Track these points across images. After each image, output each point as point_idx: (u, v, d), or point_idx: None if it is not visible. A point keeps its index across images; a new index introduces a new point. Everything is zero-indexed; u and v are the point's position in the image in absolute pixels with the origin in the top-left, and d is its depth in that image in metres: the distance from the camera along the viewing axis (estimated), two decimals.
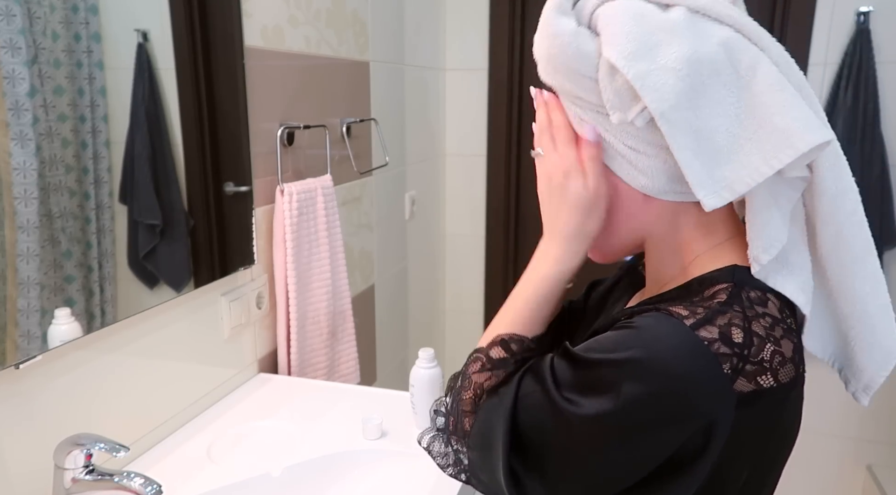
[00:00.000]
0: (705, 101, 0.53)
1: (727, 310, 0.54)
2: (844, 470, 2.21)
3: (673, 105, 0.53)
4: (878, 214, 1.95)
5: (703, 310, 0.54)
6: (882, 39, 1.90)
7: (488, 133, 2.31)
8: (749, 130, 0.53)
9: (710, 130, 0.53)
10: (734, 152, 0.54)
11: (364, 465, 1.06)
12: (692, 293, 0.58)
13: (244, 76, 1.19)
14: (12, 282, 0.81)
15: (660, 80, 0.52)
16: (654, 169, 0.58)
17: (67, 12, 0.84)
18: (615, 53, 0.53)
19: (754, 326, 0.53)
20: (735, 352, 0.52)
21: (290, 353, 1.34)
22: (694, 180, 0.54)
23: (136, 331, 1.01)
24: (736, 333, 0.52)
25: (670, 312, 0.54)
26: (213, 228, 1.15)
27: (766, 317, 0.55)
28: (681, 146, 0.53)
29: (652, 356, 0.52)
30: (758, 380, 0.52)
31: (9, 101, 0.78)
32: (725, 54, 0.53)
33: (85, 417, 0.93)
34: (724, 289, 0.56)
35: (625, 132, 0.57)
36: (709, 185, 0.54)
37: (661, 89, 0.52)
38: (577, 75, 0.57)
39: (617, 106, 0.55)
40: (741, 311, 0.54)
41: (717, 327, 0.52)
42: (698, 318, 0.53)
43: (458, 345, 2.52)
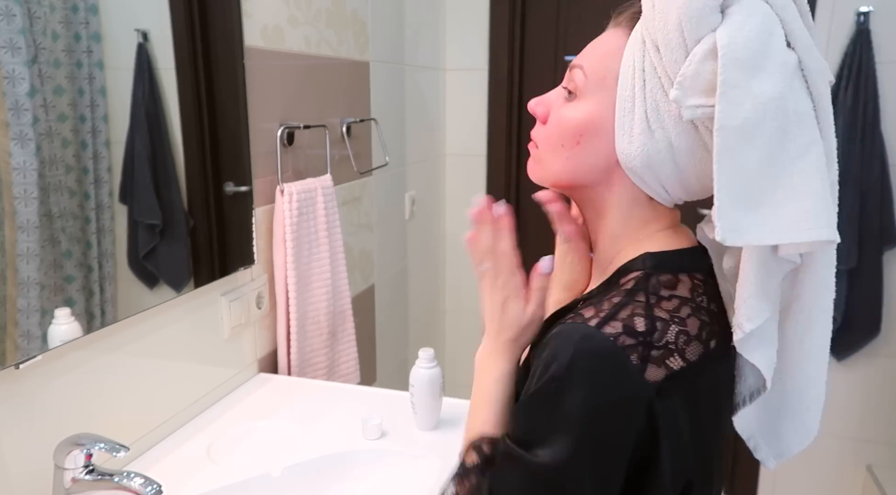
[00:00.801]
0: (762, 145, 0.53)
1: (630, 302, 0.56)
2: (844, 470, 2.21)
3: (736, 127, 0.52)
4: (878, 214, 1.95)
5: (607, 305, 0.56)
6: (882, 39, 1.90)
7: (488, 133, 2.31)
8: (784, 195, 0.53)
9: (752, 173, 0.53)
10: (762, 205, 0.53)
11: (364, 465, 1.06)
12: (612, 287, 0.60)
13: (244, 76, 1.19)
14: (12, 282, 0.81)
15: (740, 99, 0.52)
16: (646, 149, 0.58)
17: (67, 12, 0.84)
18: (727, 46, 0.52)
19: (657, 312, 0.55)
20: (639, 340, 0.53)
21: (290, 353, 1.34)
22: (719, 206, 0.53)
23: (136, 331, 1.01)
24: (638, 322, 0.54)
25: (577, 316, 0.56)
26: (213, 228, 1.15)
27: (673, 298, 0.57)
28: (723, 168, 0.53)
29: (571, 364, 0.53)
30: (667, 364, 0.53)
31: (9, 101, 0.78)
32: (796, 120, 0.54)
33: (85, 417, 0.93)
34: (633, 278, 0.58)
35: (657, 106, 0.57)
36: (727, 219, 0.53)
37: (735, 106, 0.52)
38: (677, 30, 0.55)
39: (686, 85, 0.54)
40: (644, 300, 0.56)
41: (619, 321, 0.54)
42: (602, 317, 0.55)
43: (458, 345, 2.52)
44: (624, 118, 0.59)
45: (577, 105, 0.62)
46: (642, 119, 0.58)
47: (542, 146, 0.65)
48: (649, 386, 0.53)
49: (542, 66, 2.27)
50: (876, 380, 2.10)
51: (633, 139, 0.58)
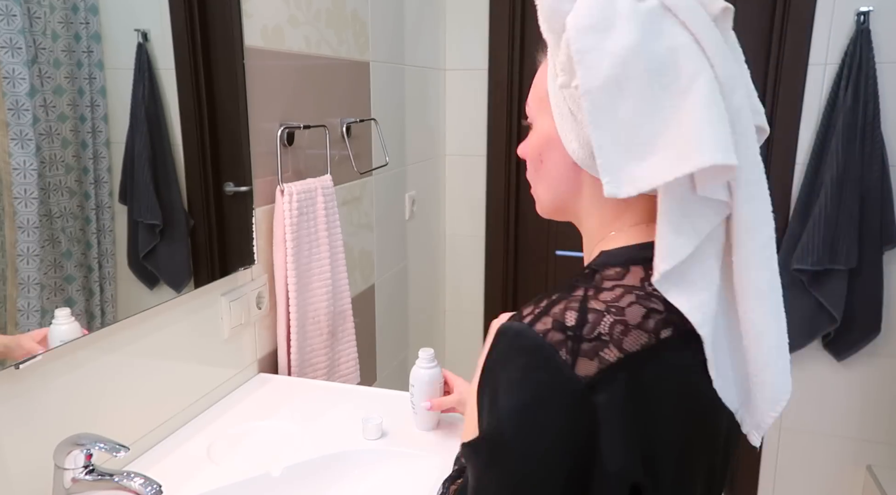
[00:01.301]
0: (636, 94, 0.54)
1: (565, 297, 0.56)
2: (844, 470, 2.21)
3: (599, 86, 0.54)
4: (878, 214, 1.95)
5: (545, 302, 0.57)
6: (882, 39, 1.90)
7: (488, 133, 2.31)
8: (669, 135, 0.54)
9: (634, 124, 0.54)
10: (651, 153, 0.54)
11: (364, 465, 1.06)
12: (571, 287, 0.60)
13: (244, 76, 1.19)
14: (12, 282, 0.81)
15: (596, 60, 0.54)
16: (584, 140, 0.60)
17: (67, 12, 0.84)
18: (572, 23, 0.56)
19: (591, 303, 0.55)
20: (568, 335, 0.53)
21: (290, 353, 1.34)
22: (602, 163, 0.55)
23: (136, 331, 1.01)
24: (569, 316, 0.54)
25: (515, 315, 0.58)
26: (213, 228, 1.15)
27: (616, 288, 0.56)
28: (598, 127, 0.55)
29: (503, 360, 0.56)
30: (600, 356, 0.52)
31: (9, 101, 0.78)
32: (671, 58, 0.54)
33: (85, 417, 0.93)
34: (579, 273, 0.61)
35: (570, 96, 0.60)
36: (614, 173, 0.55)
37: (593, 68, 0.54)
38: (548, 28, 0.60)
39: (566, 69, 0.58)
40: (582, 293, 0.56)
41: (550, 317, 0.54)
42: (536, 314, 0.56)
43: (458, 345, 2.52)
44: (560, 122, 0.62)
45: (534, 131, 0.67)
46: (568, 115, 0.61)
47: (530, 180, 0.71)
48: (579, 381, 0.52)
49: None
50: (876, 380, 2.10)
51: (570, 136, 0.61)
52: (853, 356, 2.07)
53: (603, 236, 0.64)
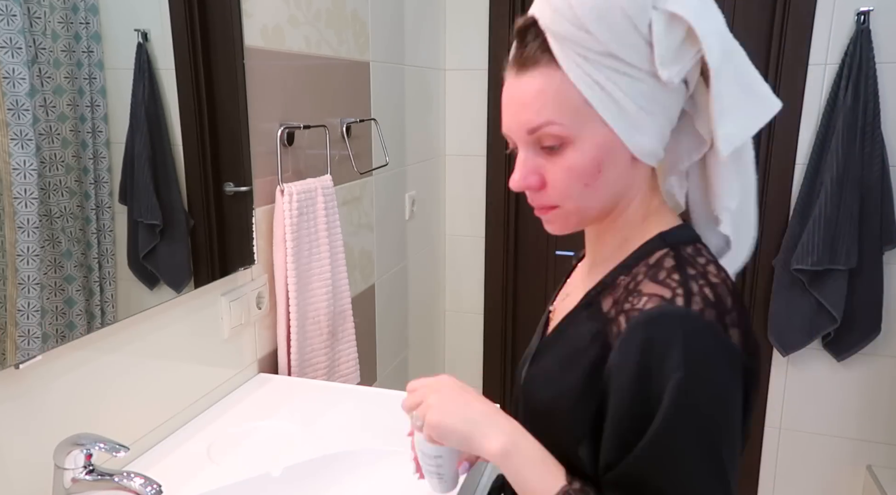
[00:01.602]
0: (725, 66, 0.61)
1: (686, 276, 0.61)
2: (844, 470, 2.21)
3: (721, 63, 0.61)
4: (878, 214, 1.95)
5: (674, 283, 0.61)
6: (882, 39, 1.90)
7: (488, 133, 2.31)
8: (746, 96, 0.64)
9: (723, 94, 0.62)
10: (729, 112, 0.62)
11: (364, 465, 1.06)
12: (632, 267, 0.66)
13: (244, 76, 1.19)
14: (12, 282, 0.81)
15: (714, 41, 0.60)
16: (654, 129, 0.64)
17: (67, 12, 0.84)
18: (684, 10, 0.59)
19: (711, 278, 0.61)
20: (718, 310, 0.59)
21: (290, 353, 1.34)
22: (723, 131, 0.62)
23: (136, 331, 1.01)
24: (708, 292, 0.59)
25: (653, 298, 0.60)
26: (213, 228, 1.15)
27: (710, 264, 0.63)
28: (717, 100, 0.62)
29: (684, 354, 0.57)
30: (735, 324, 0.59)
31: (9, 101, 0.78)
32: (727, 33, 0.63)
33: (85, 417, 0.93)
34: (665, 255, 0.64)
35: (642, 93, 0.62)
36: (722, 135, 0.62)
37: (713, 49, 0.60)
38: (630, 29, 0.60)
39: (669, 61, 0.60)
40: (695, 271, 0.62)
41: (698, 296, 0.59)
42: (681, 294, 0.59)
43: (458, 345, 2.52)
44: (623, 123, 0.62)
45: (579, 147, 0.64)
46: (637, 111, 0.62)
47: (566, 201, 0.67)
48: (738, 351, 0.59)
49: None
50: (876, 380, 2.10)
51: (642, 131, 0.63)
52: (853, 356, 2.07)
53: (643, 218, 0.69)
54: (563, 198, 0.66)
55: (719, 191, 0.67)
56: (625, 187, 0.67)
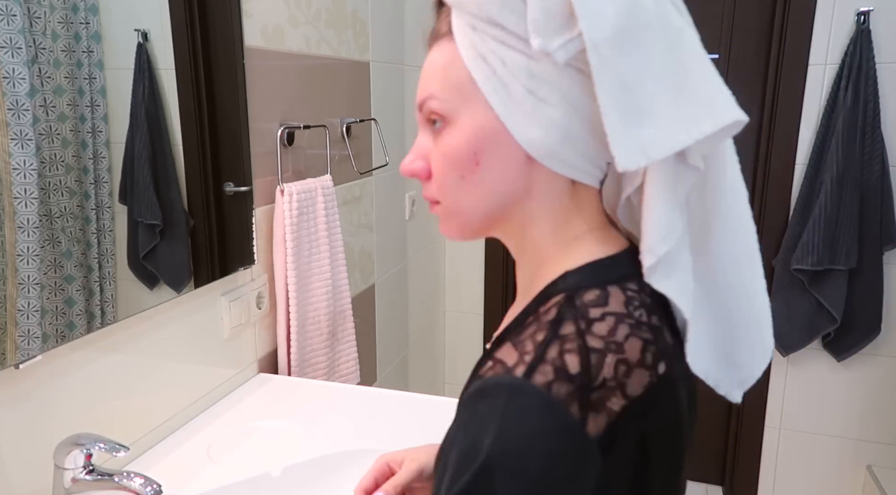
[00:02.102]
0: (636, 50, 0.47)
1: (556, 336, 0.46)
2: (844, 470, 2.21)
3: (608, 38, 0.46)
4: (878, 214, 1.95)
5: (531, 345, 0.46)
6: (882, 39, 1.90)
7: None
8: (671, 94, 0.47)
9: (634, 85, 0.47)
10: (653, 115, 0.47)
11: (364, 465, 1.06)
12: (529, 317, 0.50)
13: (244, 76, 1.19)
14: (12, 282, 0.81)
15: (599, 7, 0.46)
16: (551, 122, 0.50)
17: (67, 12, 0.84)
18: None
19: (590, 340, 0.46)
20: (576, 385, 0.44)
21: (290, 353, 1.34)
22: (611, 133, 0.47)
23: (136, 331, 1.01)
24: (571, 361, 0.44)
25: (497, 363, 0.47)
26: (213, 228, 1.15)
27: (606, 318, 0.47)
28: (605, 88, 0.46)
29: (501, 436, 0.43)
30: (608, 407, 0.44)
31: (9, 101, 0.78)
32: (657, 9, 0.48)
33: (85, 417, 0.93)
34: (554, 304, 0.49)
35: (530, 71, 0.49)
36: (624, 143, 0.46)
37: (599, 16, 0.46)
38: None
39: (542, 30, 0.48)
40: (574, 328, 0.46)
41: (549, 364, 0.44)
42: (529, 363, 0.45)
43: (458, 345, 2.52)
44: (506, 106, 0.51)
45: (452, 128, 0.53)
46: (525, 94, 0.50)
47: (444, 195, 0.56)
48: (593, 443, 0.43)
49: None
50: (876, 380, 2.10)
51: (529, 119, 0.50)
52: (853, 356, 2.07)
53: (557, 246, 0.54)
54: (440, 190, 0.56)
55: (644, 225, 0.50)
56: (515, 191, 0.53)
